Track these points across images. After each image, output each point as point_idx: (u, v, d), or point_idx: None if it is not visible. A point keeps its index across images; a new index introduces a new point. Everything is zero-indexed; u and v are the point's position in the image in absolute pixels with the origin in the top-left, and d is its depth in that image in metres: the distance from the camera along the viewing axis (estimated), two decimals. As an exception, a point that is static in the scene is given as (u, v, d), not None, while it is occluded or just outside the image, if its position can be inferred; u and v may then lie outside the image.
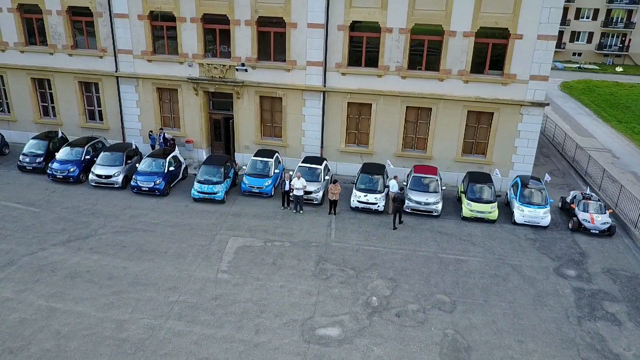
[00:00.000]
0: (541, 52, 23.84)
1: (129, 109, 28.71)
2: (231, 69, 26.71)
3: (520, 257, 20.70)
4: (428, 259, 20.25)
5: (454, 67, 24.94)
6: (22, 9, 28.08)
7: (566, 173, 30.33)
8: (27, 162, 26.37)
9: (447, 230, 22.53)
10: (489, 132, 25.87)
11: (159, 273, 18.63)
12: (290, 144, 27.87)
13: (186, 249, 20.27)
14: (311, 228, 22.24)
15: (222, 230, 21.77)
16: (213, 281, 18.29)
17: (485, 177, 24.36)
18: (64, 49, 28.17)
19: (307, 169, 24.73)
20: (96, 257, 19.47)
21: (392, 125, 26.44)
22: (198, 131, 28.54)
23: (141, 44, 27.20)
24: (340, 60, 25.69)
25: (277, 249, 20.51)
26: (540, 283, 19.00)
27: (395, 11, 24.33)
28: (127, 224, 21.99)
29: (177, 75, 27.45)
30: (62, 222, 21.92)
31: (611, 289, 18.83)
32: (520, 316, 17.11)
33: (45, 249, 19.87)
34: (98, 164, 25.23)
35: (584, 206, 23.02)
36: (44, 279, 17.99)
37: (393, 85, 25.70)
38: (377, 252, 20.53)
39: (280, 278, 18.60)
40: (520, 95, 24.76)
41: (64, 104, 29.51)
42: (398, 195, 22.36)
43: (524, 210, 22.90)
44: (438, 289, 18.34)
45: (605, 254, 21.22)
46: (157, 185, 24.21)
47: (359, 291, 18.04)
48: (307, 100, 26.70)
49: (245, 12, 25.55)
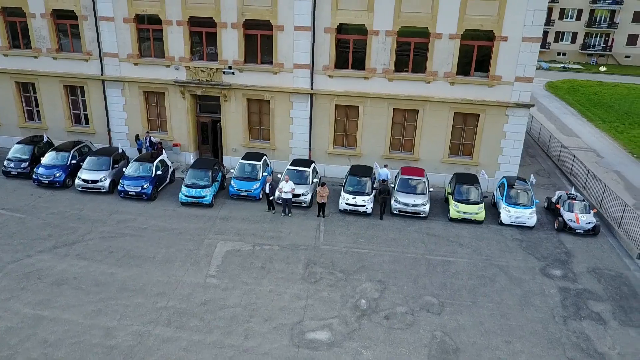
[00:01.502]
0: (526, 54, 24.09)
1: (116, 112, 28.51)
2: (218, 72, 26.64)
3: (507, 257, 20.92)
4: (416, 260, 20.39)
5: (440, 69, 25.11)
6: (5, 12, 27.76)
7: (551, 173, 30.69)
8: (12, 167, 26.06)
9: (435, 232, 22.70)
10: (475, 133, 26.09)
11: (147, 278, 18.55)
12: (279, 147, 27.88)
13: (174, 253, 20.20)
14: (300, 231, 22.28)
15: (210, 234, 21.72)
16: (202, 286, 18.25)
17: (472, 178, 24.58)
18: (49, 52, 27.90)
19: (295, 172, 24.74)
20: (83, 263, 19.33)
21: (379, 127, 26.56)
22: (185, 134, 28.43)
23: (127, 47, 27.03)
24: (327, 63, 25.74)
25: (266, 252, 20.52)
26: (526, 283, 19.22)
27: (382, 14, 24.44)
28: (115, 229, 21.86)
29: (164, 78, 27.31)
30: (48, 228, 21.72)
31: (596, 289, 19.11)
32: (508, 317, 17.30)
33: (31, 255, 19.68)
34: (84, 169, 25.00)
35: (569, 206, 23.32)
36: (30, 287, 17.81)
37: (380, 88, 25.82)
38: (365, 255, 20.62)
39: (269, 282, 18.62)
40: (506, 96, 25.01)
41: (49, 107, 29.23)
42: (382, 187, 23.18)
43: (510, 210, 23.14)
44: (426, 291, 18.48)
45: (590, 254, 21.52)
46: (144, 189, 24.06)
47: (348, 294, 18.11)
48: (294, 103, 26.72)
49: (231, 15, 25.50)
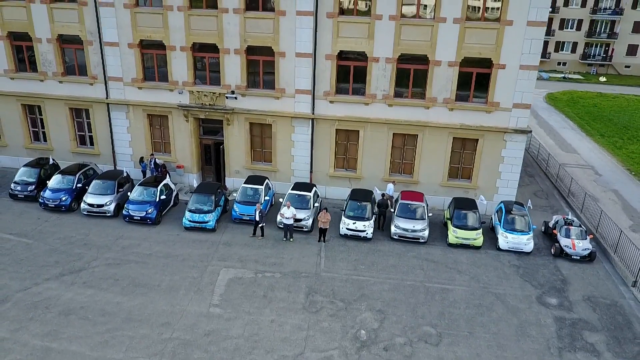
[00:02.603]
0: (523, 81, 24.53)
1: (120, 134, 29.01)
2: (221, 97, 27.11)
3: (504, 285, 21.33)
4: (415, 288, 20.81)
5: (440, 95, 25.55)
6: (12, 37, 28.26)
7: (550, 194, 31.08)
8: (19, 190, 26.56)
9: (434, 257, 23.12)
10: (474, 157, 26.53)
11: (152, 308, 18.99)
12: (280, 169, 28.34)
13: (178, 281, 20.65)
14: (301, 257, 22.71)
15: (213, 260, 22.16)
16: (205, 316, 18.69)
17: (470, 203, 24.99)
18: (55, 76, 28.40)
19: (296, 196, 25.20)
20: (90, 292, 19.79)
21: (379, 150, 27.01)
22: (189, 156, 28.90)
23: (131, 71, 27.52)
24: (328, 89, 26.20)
25: (268, 280, 20.95)
26: (523, 313, 19.63)
27: (382, 41, 24.89)
28: (120, 255, 22.32)
29: (168, 102, 27.79)
30: (55, 254, 22.18)
31: (591, 318, 19.51)
32: (504, 348, 17.71)
33: (39, 283, 20.15)
34: (90, 193, 25.47)
35: (565, 232, 23.72)
36: (38, 317, 18.27)
37: (380, 113, 26.27)
38: (365, 282, 21.05)
39: (271, 312, 19.05)
40: (504, 122, 25.44)
41: (54, 129, 29.73)
42: (381, 201, 25.09)
43: (508, 236, 23.56)
44: (424, 321, 18.90)
45: (585, 281, 21.92)
46: (149, 214, 24.53)
47: (348, 324, 18.54)
48: (296, 127, 27.18)
49: (234, 41, 25.97)
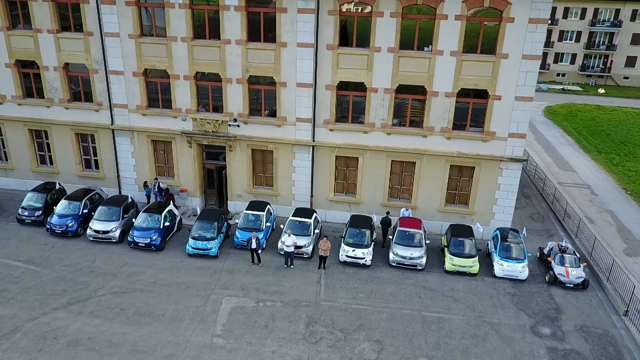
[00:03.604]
0: (519, 112, 25.13)
1: (125, 159, 29.66)
2: (224, 124, 27.76)
3: (499, 314, 21.92)
4: (412, 317, 21.41)
5: (437, 124, 26.17)
6: (19, 64, 28.94)
7: (545, 217, 31.66)
8: (26, 215, 27.21)
9: (431, 285, 23.72)
10: (470, 184, 27.14)
11: (157, 339, 19.61)
12: (281, 193, 28.97)
13: (182, 311, 21.26)
14: (302, 285, 23.32)
15: (216, 289, 22.78)
16: (209, 347, 19.31)
17: (467, 230, 25.59)
18: (61, 102, 29.07)
19: (297, 223, 25.81)
20: (96, 321, 20.41)
21: (378, 176, 27.63)
22: (192, 180, 29.55)
23: (136, 98, 28.18)
24: (328, 117, 26.83)
25: (269, 309, 21.56)
26: (517, 343, 20.21)
27: (381, 72, 25.52)
28: (125, 283, 22.94)
29: (171, 128, 28.45)
30: (62, 282, 22.82)
31: (583, 349, 20.09)
32: (497, 380, 18.34)
33: (47, 313, 20.78)
34: (95, 219, 26.10)
35: (560, 260, 24.30)
36: (47, 348, 18.90)
37: (379, 141, 26.89)
38: (364, 312, 21.64)
39: (272, 342, 19.66)
40: (500, 151, 26.05)
41: (60, 153, 30.39)
42: (386, 219, 26.82)
43: (503, 264, 24.14)
44: (421, 352, 19.50)
45: (578, 309, 22.49)
46: (153, 241, 25.16)
47: (347, 355, 19.14)
48: (297, 154, 27.81)
49: (236, 71, 26.63)
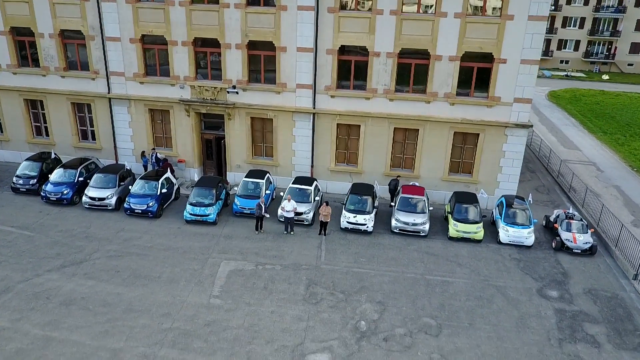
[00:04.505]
0: (524, 75, 24.51)
1: (122, 129, 29.10)
2: (222, 91, 27.18)
3: (504, 278, 21.33)
4: (415, 281, 20.82)
5: (440, 90, 25.57)
6: (14, 32, 28.37)
7: (551, 189, 31.05)
8: (21, 184, 26.66)
9: (434, 251, 23.13)
10: (474, 152, 26.52)
11: (153, 299, 19.05)
12: (281, 163, 28.38)
13: (179, 273, 20.71)
14: (302, 250, 22.75)
15: (214, 253, 22.22)
16: (205, 307, 18.74)
17: (471, 197, 24.98)
18: (57, 70, 28.51)
19: (297, 190, 25.24)
20: (91, 283, 19.86)
21: (380, 145, 27.03)
22: (190, 151, 28.98)
23: (133, 66, 27.61)
24: (329, 83, 26.24)
25: (268, 272, 20.99)
26: (523, 305, 19.62)
27: (383, 36, 24.92)
28: (121, 247, 22.39)
29: (169, 96, 27.87)
30: (56, 246, 22.27)
31: (591, 310, 19.49)
32: (504, 339, 17.71)
33: (40, 275, 20.23)
34: (91, 186, 25.56)
35: (566, 226, 23.69)
36: (39, 307, 18.35)
37: (381, 108, 26.30)
38: (366, 275, 21.06)
39: (271, 303, 19.09)
40: (505, 117, 25.44)
41: (56, 124, 29.84)
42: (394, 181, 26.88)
43: (509, 230, 23.54)
44: (425, 312, 18.91)
45: (586, 274, 21.89)
46: (150, 207, 24.60)
47: (348, 315, 18.56)
48: (297, 122, 27.23)
49: (235, 36, 26.04)
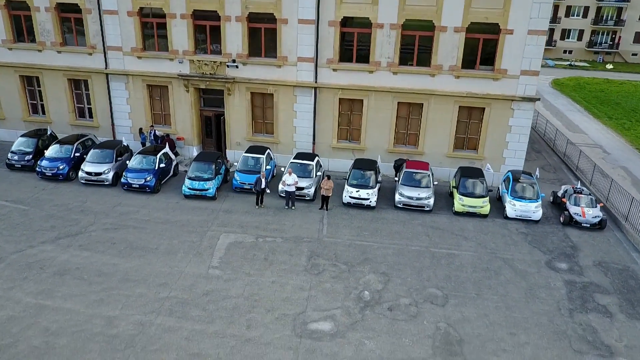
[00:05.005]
0: (532, 47, 23.87)
1: (119, 106, 28.49)
2: (222, 66, 26.57)
3: (512, 250, 20.72)
4: (420, 253, 20.22)
5: (445, 63, 24.93)
6: (9, 6, 27.78)
7: (557, 168, 30.42)
8: (16, 159, 26.07)
9: (439, 225, 22.52)
10: (480, 127, 25.89)
11: (150, 269, 18.47)
12: (282, 141, 27.77)
13: (177, 245, 20.12)
14: (303, 224, 22.15)
15: (213, 226, 21.63)
16: (204, 277, 18.15)
17: (477, 171, 24.37)
18: (53, 45, 27.91)
19: (298, 165, 24.64)
20: (86, 254, 19.28)
21: (383, 121, 26.41)
22: (189, 128, 28.36)
23: (131, 40, 27.00)
24: (331, 56, 25.62)
25: (269, 244, 20.40)
26: (531, 276, 19.01)
27: (386, 7, 24.28)
28: (118, 220, 21.81)
29: (168, 72, 27.26)
30: (51, 219, 21.69)
31: (602, 282, 18.88)
32: (512, 309, 17.11)
33: (34, 246, 19.65)
34: (88, 161, 24.97)
35: (575, 200, 23.08)
36: (32, 276, 17.78)
37: (384, 81, 25.66)
38: (369, 247, 20.46)
39: (272, 273, 18.50)
40: (512, 90, 24.80)
41: (53, 101, 29.24)
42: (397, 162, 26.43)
43: (516, 204, 22.92)
44: (430, 283, 18.31)
45: (596, 247, 21.28)
46: (147, 182, 24.01)
47: (351, 285, 17.97)
48: (298, 97, 26.60)
49: (235, 8, 25.41)
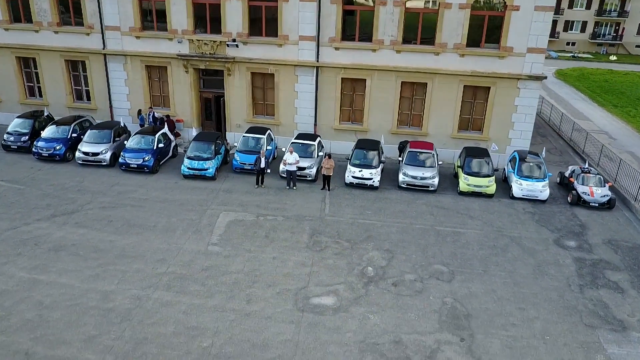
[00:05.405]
0: (538, 23, 23.32)
1: (118, 87, 27.95)
2: (222, 45, 26.03)
3: (519, 229, 20.20)
4: (425, 231, 19.71)
5: (450, 41, 24.39)
6: (5, -15, 27.33)
7: (563, 151, 29.90)
8: (12, 141, 25.55)
9: (444, 205, 22.00)
10: (485, 107, 25.35)
11: (147, 246, 17.97)
12: (283, 122, 27.23)
13: (175, 223, 19.61)
14: (305, 203, 21.64)
15: (213, 205, 21.12)
16: (203, 253, 17.66)
17: (482, 151, 23.85)
18: (50, 26, 27.37)
19: (300, 145, 24.11)
20: (82, 231, 18.78)
21: (386, 101, 25.87)
22: (188, 110, 27.83)
23: (129, 19, 26.45)
24: (333, 35, 25.07)
25: (270, 222, 19.90)
26: (540, 254, 18.50)
27: (390, -17, 23.79)
28: (115, 199, 21.30)
29: (167, 52, 26.72)
30: (47, 198, 21.18)
31: (613, 259, 18.37)
32: (521, 285, 16.60)
33: (29, 223, 19.15)
34: (85, 142, 24.44)
35: (583, 179, 22.54)
36: (26, 252, 17.28)
37: (388, 60, 25.11)
38: (372, 226, 19.96)
39: (273, 250, 18.00)
40: (518, 68, 24.24)
41: (50, 83, 28.71)
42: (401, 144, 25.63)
43: (522, 183, 22.38)
44: (435, 260, 17.81)
45: (605, 226, 20.76)
46: (145, 162, 23.49)
47: (354, 262, 17.47)
48: (299, 76, 26.06)
49: (235, -15, 24.93)
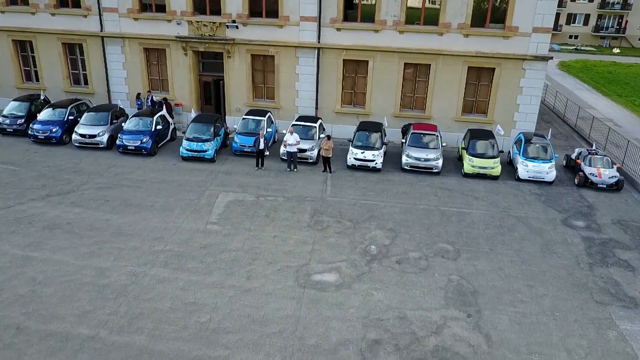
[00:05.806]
0: (545, 2, 22.83)
1: (115, 71, 27.48)
2: (221, 27, 25.54)
3: (525, 209, 19.72)
4: (429, 211, 19.23)
5: (454, 21, 23.89)
6: (1, -34, 26.88)
7: (569, 136, 29.41)
8: (7, 124, 25.07)
9: (449, 186, 21.53)
10: (490, 89, 24.85)
11: (144, 224, 17.51)
12: (284, 106, 26.74)
13: (173, 203, 19.15)
14: (306, 185, 21.16)
15: (212, 186, 20.66)
16: (202, 232, 17.19)
17: (487, 133, 23.36)
18: (47, 8, 26.90)
19: (301, 127, 23.64)
20: (77, 210, 18.32)
21: (389, 83, 25.38)
22: (187, 94, 27.36)
23: (127, 1, 25.96)
24: (335, 15, 24.57)
25: (270, 202, 19.43)
26: (547, 233, 18.02)
27: (393, -39, 23.31)
28: (112, 180, 20.84)
29: (165, 34, 26.25)
30: (42, 179, 20.72)
31: (622, 238, 17.89)
32: (529, 263, 16.13)
33: (23, 203, 18.68)
34: (82, 124, 23.99)
35: (590, 161, 22.07)
36: (20, 230, 16.82)
37: (390, 41, 24.62)
38: (375, 206, 19.48)
39: (274, 229, 17.53)
40: (523, 49, 23.75)
41: (47, 67, 28.24)
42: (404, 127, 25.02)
43: (528, 165, 21.89)
44: (440, 239, 17.33)
45: (613, 207, 20.28)
46: (143, 143, 23.03)
47: (357, 240, 17.00)
48: (300, 58, 25.58)
49: (235, -35, 24.45)
